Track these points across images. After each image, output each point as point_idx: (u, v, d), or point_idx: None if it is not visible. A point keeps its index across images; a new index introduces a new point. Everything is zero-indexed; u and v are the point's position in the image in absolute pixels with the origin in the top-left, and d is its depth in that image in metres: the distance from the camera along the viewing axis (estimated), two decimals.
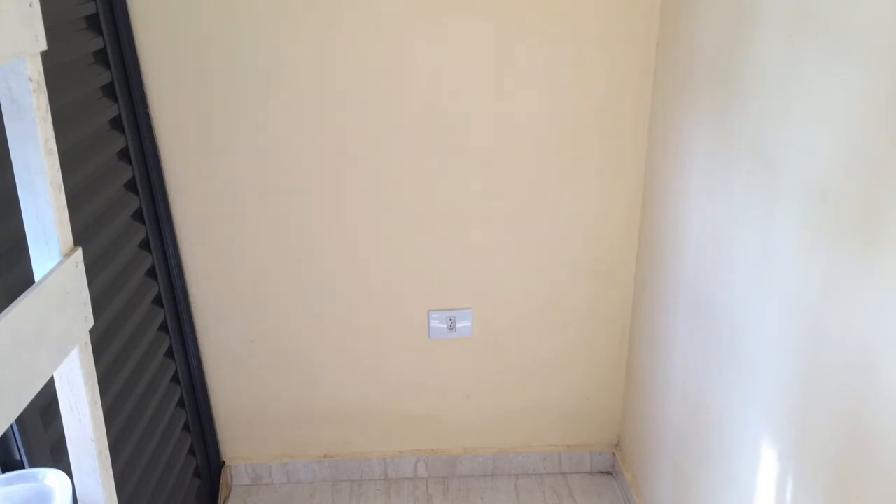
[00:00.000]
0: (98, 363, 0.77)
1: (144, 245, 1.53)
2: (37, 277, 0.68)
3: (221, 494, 1.89)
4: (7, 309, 0.60)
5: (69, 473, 0.74)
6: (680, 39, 1.44)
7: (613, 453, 1.94)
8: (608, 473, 1.96)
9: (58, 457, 0.98)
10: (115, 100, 1.41)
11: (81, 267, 0.73)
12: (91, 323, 0.75)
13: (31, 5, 0.63)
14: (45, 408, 0.97)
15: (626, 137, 1.63)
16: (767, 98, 1.08)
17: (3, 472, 0.82)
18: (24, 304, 0.62)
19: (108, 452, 0.77)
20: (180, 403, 1.69)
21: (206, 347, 1.78)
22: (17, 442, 0.92)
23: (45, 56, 0.67)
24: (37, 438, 0.95)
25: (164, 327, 1.60)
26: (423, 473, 1.95)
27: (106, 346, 1.28)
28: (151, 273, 1.55)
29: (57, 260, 0.69)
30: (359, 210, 1.66)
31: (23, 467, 0.92)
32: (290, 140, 1.59)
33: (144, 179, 1.52)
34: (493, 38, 1.52)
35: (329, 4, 1.48)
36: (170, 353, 1.64)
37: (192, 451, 1.75)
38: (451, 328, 1.79)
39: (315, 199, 1.65)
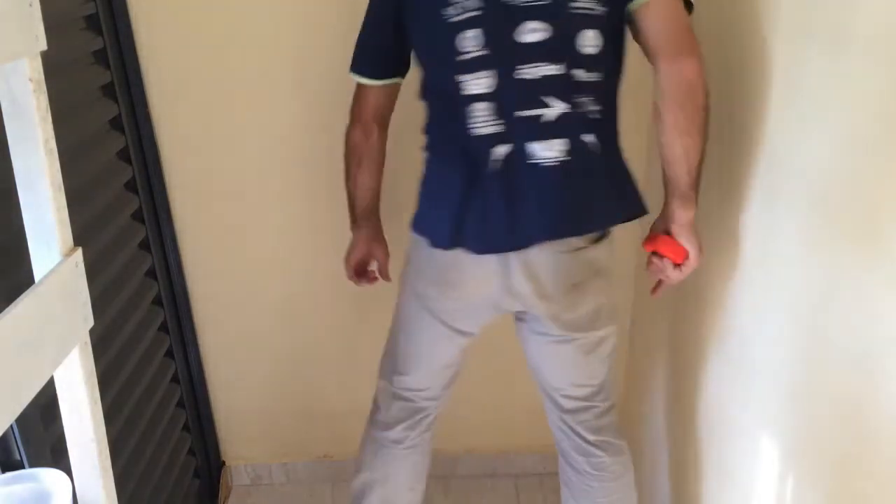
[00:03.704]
0: (98, 363, 0.77)
1: (144, 245, 1.53)
2: (37, 277, 0.68)
3: (221, 494, 1.89)
4: (7, 309, 0.60)
5: (69, 473, 0.74)
6: None
7: None
8: None
9: (58, 457, 0.97)
10: (115, 100, 1.41)
11: (81, 267, 0.73)
12: (91, 323, 0.75)
13: (31, 5, 0.63)
14: (45, 408, 0.97)
15: (625, 138, 1.63)
16: (769, 99, 1.08)
17: (3, 472, 0.82)
18: (24, 304, 0.62)
19: (108, 452, 0.77)
20: (180, 403, 1.69)
21: (206, 347, 1.78)
22: (17, 442, 0.92)
23: (45, 56, 0.67)
24: (37, 438, 0.95)
25: (164, 327, 1.60)
26: None
27: (106, 346, 1.28)
28: (151, 273, 1.55)
29: (57, 260, 0.69)
30: None
31: (23, 467, 0.92)
32: (290, 139, 1.59)
33: (144, 179, 1.52)
34: None
35: (329, 4, 1.48)
36: (170, 353, 1.64)
37: (192, 451, 1.75)
38: None
39: (315, 199, 1.65)
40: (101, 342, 1.26)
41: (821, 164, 0.94)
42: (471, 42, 1.11)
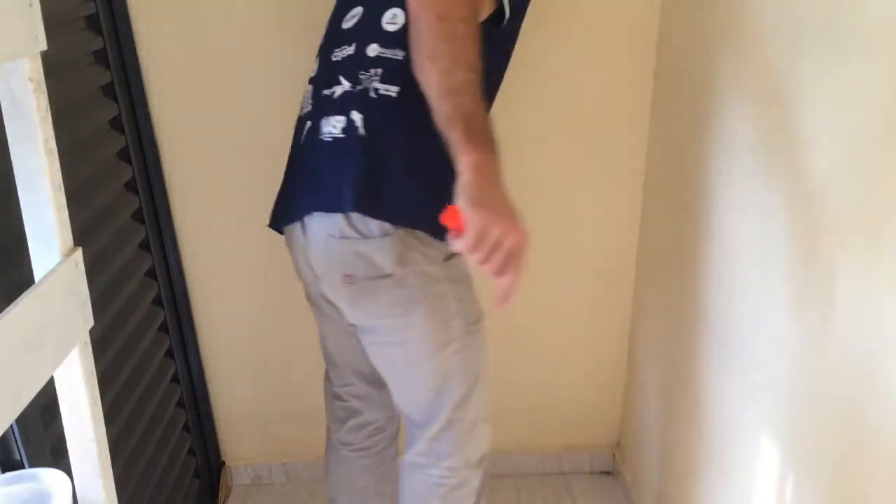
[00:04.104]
0: (98, 363, 0.77)
1: (144, 245, 1.53)
2: (37, 277, 0.68)
3: (221, 494, 1.89)
4: (7, 309, 0.60)
5: (69, 473, 0.74)
6: (680, 40, 1.44)
7: (613, 453, 1.94)
8: (608, 473, 1.96)
9: (58, 457, 0.97)
10: (115, 100, 1.41)
11: (81, 267, 0.73)
12: (91, 323, 0.75)
13: (31, 5, 0.63)
14: (45, 408, 0.97)
15: (626, 137, 1.63)
16: (768, 98, 1.08)
17: (3, 472, 0.82)
18: (24, 304, 0.62)
19: (108, 452, 0.77)
20: (180, 403, 1.69)
21: (206, 347, 1.78)
22: (17, 442, 0.91)
23: (45, 56, 0.67)
24: (37, 438, 0.95)
25: (164, 327, 1.60)
26: None
27: (106, 346, 1.28)
28: (151, 273, 1.55)
29: (57, 260, 0.69)
30: None
31: (23, 467, 0.92)
32: (290, 139, 1.59)
33: (144, 179, 1.52)
34: None
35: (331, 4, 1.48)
36: (170, 353, 1.64)
37: (192, 451, 1.75)
38: None
39: None
40: (101, 342, 1.26)
41: (820, 164, 0.94)
42: (323, 36, 1.22)
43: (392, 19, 1.09)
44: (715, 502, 1.32)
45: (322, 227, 1.12)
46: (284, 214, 1.20)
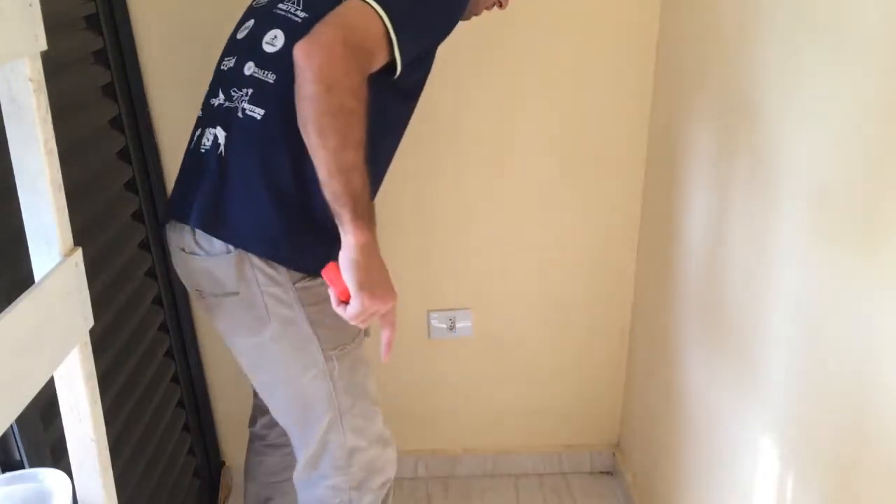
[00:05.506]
0: (98, 363, 0.77)
1: (144, 245, 1.53)
2: (37, 277, 0.68)
3: (221, 494, 1.89)
4: (7, 309, 0.60)
5: (69, 473, 0.74)
6: (680, 39, 1.44)
7: (613, 453, 1.94)
8: (608, 473, 1.96)
9: (58, 457, 0.97)
10: (115, 100, 1.41)
11: (81, 267, 0.73)
12: (91, 323, 0.75)
13: (31, 5, 0.63)
14: (45, 408, 0.97)
15: (626, 138, 1.63)
16: (768, 98, 1.08)
17: (3, 472, 0.82)
18: (24, 304, 0.62)
19: (108, 452, 0.77)
20: (180, 403, 1.69)
21: (206, 347, 1.78)
22: (17, 442, 0.91)
23: (45, 56, 0.67)
24: (37, 438, 0.95)
25: (164, 327, 1.60)
26: (423, 473, 1.95)
27: (106, 346, 1.28)
28: (151, 273, 1.55)
29: (57, 260, 0.69)
30: None
31: (23, 467, 0.92)
32: None
33: (144, 179, 1.52)
34: (491, 37, 1.52)
35: None
36: (170, 353, 1.64)
37: (192, 451, 1.75)
38: (452, 328, 1.79)
39: None
40: (101, 342, 1.26)
41: (821, 165, 0.94)
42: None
43: (272, 40, 1.08)
44: (715, 502, 1.32)
45: (175, 239, 1.15)
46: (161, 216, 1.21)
